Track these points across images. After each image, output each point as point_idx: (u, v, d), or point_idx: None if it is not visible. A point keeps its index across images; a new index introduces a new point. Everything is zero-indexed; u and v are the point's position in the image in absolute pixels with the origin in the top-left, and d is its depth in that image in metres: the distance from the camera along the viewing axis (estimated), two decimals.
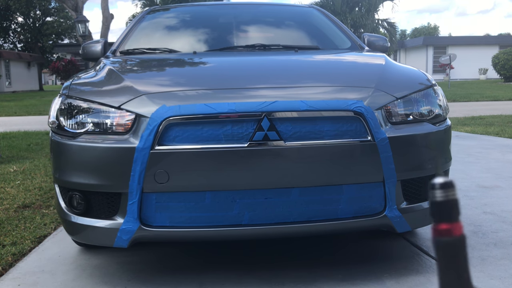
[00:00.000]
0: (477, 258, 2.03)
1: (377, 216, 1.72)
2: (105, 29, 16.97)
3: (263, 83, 1.88)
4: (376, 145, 1.67)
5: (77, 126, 1.77)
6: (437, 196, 0.23)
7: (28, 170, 4.19)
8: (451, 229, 0.24)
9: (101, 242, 1.79)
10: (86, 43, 2.92)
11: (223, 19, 3.09)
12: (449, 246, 0.23)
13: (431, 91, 1.95)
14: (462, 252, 0.23)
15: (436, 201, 0.23)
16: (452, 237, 0.23)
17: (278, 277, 1.88)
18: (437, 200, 0.23)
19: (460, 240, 0.23)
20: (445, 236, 0.24)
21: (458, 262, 0.23)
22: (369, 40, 2.89)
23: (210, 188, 1.64)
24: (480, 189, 3.23)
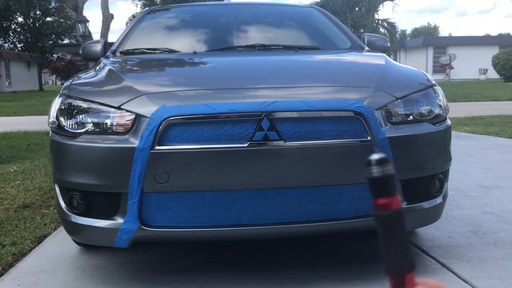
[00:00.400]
0: (477, 258, 2.03)
1: None
2: (105, 29, 16.97)
3: (263, 83, 1.88)
4: (376, 145, 1.67)
5: (77, 126, 1.77)
6: (373, 172, 0.25)
7: (28, 170, 4.19)
8: (389, 203, 0.25)
9: (101, 242, 1.79)
10: (86, 43, 2.92)
11: (223, 19, 3.09)
12: (388, 219, 0.25)
13: (431, 91, 1.95)
14: (400, 224, 0.25)
15: (373, 177, 0.25)
16: (390, 210, 0.25)
17: (278, 277, 1.88)
18: (374, 176, 0.25)
19: (398, 213, 0.25)
20: (384, 210, 0.25)
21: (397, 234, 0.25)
22: (369, 40, 2.90)
23: (210, 188, 1.64)
24: (480, 189, 3.23)
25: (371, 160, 0.25)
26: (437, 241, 2.26)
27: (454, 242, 2.24)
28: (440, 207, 1.94)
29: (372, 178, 0.25)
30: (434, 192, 1.90)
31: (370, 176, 0.25)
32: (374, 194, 0.26)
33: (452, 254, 2.09)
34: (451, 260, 2.02)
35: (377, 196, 0.26)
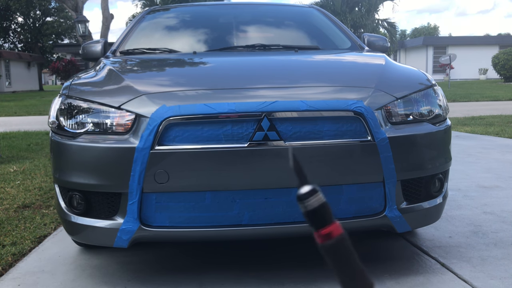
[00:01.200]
0: (477, 258, 2.03)
1: (377, 216, 1.72)
2: (105, 29, 16.97)
3: (263, 83, 1.88)
4: (376, 145, 1.67)
5: (77, 126, 1.77)
6: (308, 205, 0.23)
7: (28, 170, 4.19)
8: (331, 231, 0.23)
9: (101, 242, 1.79)
10: (86, 43, 2.92)
11: (223, 19, 3.09)
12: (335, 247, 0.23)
13: (431, 91, 1.95)
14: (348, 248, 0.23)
15: (309, 210, 0.22)
16: (334, 238, 0.23)
17: (278, 277, 1.88)
18: (310, 210, 0.22)
19: (343, 238, 0.23)
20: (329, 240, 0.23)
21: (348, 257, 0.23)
22: (369, 40, 2.89)
23: (210, 188, 1.64)
24: (480, 189, 3.23)
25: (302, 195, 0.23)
26: (437, 241, 2.26)
27: (454, 242, 2.24)
28: (440, 207, 1.94)
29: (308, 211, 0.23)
30: (434, 192, 1.90)
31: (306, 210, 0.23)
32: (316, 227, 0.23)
33: (452, 254, 2.09)
34: (451, 260, 2.02)
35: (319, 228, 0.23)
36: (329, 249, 0.23)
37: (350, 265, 0.23)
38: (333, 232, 0.23)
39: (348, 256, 0.23)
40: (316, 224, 0.24)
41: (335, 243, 0.23)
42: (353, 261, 0.23)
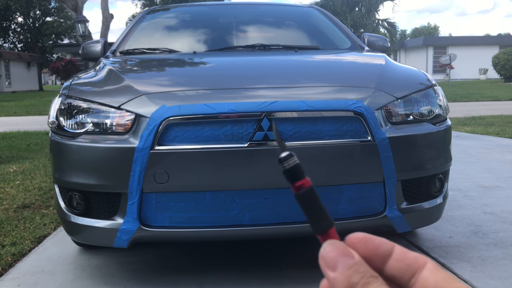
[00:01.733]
0: (477, 258, 2.03)
1: (377, 216, 1.72)
2: (105, 29, 16.97)
3: (263, 83, 1.87)
4: (376, 145, 1.66)
5: (77, 126, 1.77)
6: (286, 166, 0.34)
7: (27, 170, 4.18)
8: (303, 183, 0.34)
9: (100, 242, 1.79)
10: (86, 43, 2.92)
11: (223, 19, 3.08)
12: (306, 194, 0.34)
13: (431, 91, 1.95)
14: (315, 196, 0.34)
15: (287, 169, 0.34)
16: (305, 188, 0.34)
17: (278, 277, 1.88)
18: (287, 169, 0.34)
19: (311, 188, 0.34)
20: (301, 189, 0.34)
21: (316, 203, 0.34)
22: (369, 40, 2.89)
23: (210, 188, 1.63)
24: (480, 189, 3.23)
25: (282, 158, 0.34)
26: (437, 241, 2.25)
27: (454, 242, 2.24)
28: (440, 207, 1.94)
29: (286, 170, 0.34)
30: (434, 192, 1.90)
31: (284, 169, 0.34)
32: (291, 181, 0.34)
33: (452, 254, 2.08)
34: (451, 260, 2.01)
35: (293, 182, 0.34)
36: (301, 197, 0.34)
37: (316, 208, 0.34)
38: (304, 184, 0.34)
39: (315, 201, 0.34)
40: (292, 179, 0.34)
41: (305, 192, 0.34)
42: (319, 205, 0.34)
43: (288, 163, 0.34)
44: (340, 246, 0.32)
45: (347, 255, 0.31)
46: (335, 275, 0.30)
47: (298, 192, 0.34)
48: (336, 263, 0.31)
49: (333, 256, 0.31)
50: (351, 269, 0.30)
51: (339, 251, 0.31)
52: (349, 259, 0.31)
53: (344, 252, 0.31)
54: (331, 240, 0.33)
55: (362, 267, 0.30)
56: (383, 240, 0.33)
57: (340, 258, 0.31)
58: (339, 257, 0.31)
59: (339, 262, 0.31)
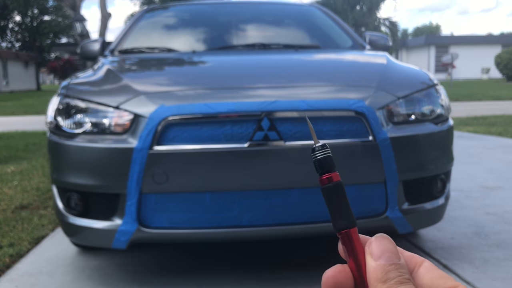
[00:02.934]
0: (479, 259, 2.01)
1: (379, 217, 1.70)
2: (103, 28, 16.93)
3: (263, 82, 1.85)
4: (378, 145, 1.64)
5: (75, 126, 1.75)
6: (317, 156, 0.33)
7: (25, 171, 4.16)
8: (331, 176, 0.33)
9: (99, 243, 1.77)
10: (84, 42, 2.90)
11: (223, 18, 3.06)
12: (333, 188, 0.33)
13: (433, 91, 1.93)
14: (342, 192, 0.33)
15: (318, 159, 0.33)
16: (333, 182, 0.33)
17: (278, 278, 1.86)
18: (318, 159, 0.33)
19: (340, 183, 0.33)
20: (329, 183, 0.33)
21: (342, 199, 0.33)
22: (371, 39, 2.87)
23: (209, 189, 1.62)
24: (482, 189, 3.21)
25: (315, 148, 0.34)
26: (439, 242, 2.24)
27: (456, 243, 2.22)
28: (442, 208, 1.92)
29: (317, 160, 0.34)
30: (436, 193, 1.88)
31: (316, 158, 0.34)
32: (320, 173, 0.34)
33: (454, 255, 2.06)
34: (453, 261, 2.00)
35: (322, 174, 0.34)
36: (327, 190, 0.33)
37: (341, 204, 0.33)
38: (332, 178, 0.33)
39: (341, 197, 0.33)
40: (321, 170, 0.34)
41: (332, 186, 0.33)
42: (345, 202, 0.33)
43: (321, 153, 0.34)
44: (392, 245, 0.33)
45: (394, 253, 0.32)
46: (376, 265, 0.32)
47: (325, 185, 0.33)
48: (382, 255, 0.32)
49: (381, 248, 0.32)
50: (393, 265, 0.31)
51: (388, 246, 0.32)
52: (395, 257, 0.32)
53: (392, 250, 0.32)
54: (385, 235, 0.33)
55: (402, 269, 0.31)
56: None
57: (387, 253, 0.32)
58: (386, 252, 0.32)
59: (385, 255, 0.32)
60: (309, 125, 0.36)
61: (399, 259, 0.32)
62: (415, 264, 0.32)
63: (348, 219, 0.33)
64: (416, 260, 0.33)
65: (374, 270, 0.31)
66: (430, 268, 0.32)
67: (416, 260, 0.33)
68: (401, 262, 0.31)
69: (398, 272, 0.31)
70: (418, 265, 0.32)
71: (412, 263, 0.33)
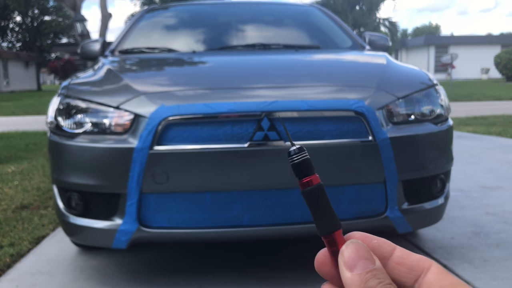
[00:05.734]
0: (479, 259, 2.01)
1: (378, 217, 1.71)
2: (104, 28, 16.94)
3: (263, 82, 1.86)
4: (378, 145, 1.65)
5: (76, 126, 1.76)
6: (295, 159, 0.32)
7: (26, 171, 4.16)
8: (311, 179, 0.32)
9: (99, 243, 1.77)
10: (84, 42, 2.90)
11: (223, 18, 3.07)
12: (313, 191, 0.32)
13: (432, 91, 1.93)
14: (324, 194, 0.32)
15: (296, 163, 0.32)
16: (313, 185, 0.32)
17: (278, 278, 1.86)
18: (296, 162, 0.32)
19: (320, 186, 0.32)
20: (309, 186, 0.32)
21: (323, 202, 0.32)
22: (370, 39, 2.88)
23: (209, 189, 1.62)
24: (482, 189, 3.21)
25: (291, 151, 0.33)
26: (439, 242, 2.24)
27: (456, 243, 2.22)
28: (442, 208, 1.92)
29: (294, 164, 0.32)
30: (436, 193, 1.88)
31: (293, 163, 0.33)
32: (299, 176, 0.33)
33: (454, 255, 2.07)
34: (453, 261, 2.00)
35: (302, 177, 0.32)
36: (308, 194, 0.32)
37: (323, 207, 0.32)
38: (312, 181, 0.32)
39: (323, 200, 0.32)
40: (299, 174, 0.32)
41: (312, 189, 0.32)
42: (327, 205, 0.32)
43: (298, 157, 0.32)
44: (363, 248, 0.31)
45: (369, 259, 0.30)
46: (352, 276, 0.29)
47: (305, 189, 0.32)
48: (356, 264, 0.30)
49: (354, 257, 0.30)
50: (370, 273, 0.29)
51: (361, 253, 0.30)
52: (370, 263, 0.30)
53: (366, 255, 0.30)
54: (355, 241, 0.31)
55: (381, 274, 0.29)
56: (382, 240, 0.32)
57: (361, 260, 0.30)
58: (360, 259, 0.30)
59: (359, 263, 0.30)
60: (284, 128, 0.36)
61: (375, 263, 0.30)
62: (422, 269, 0.30)
63: (332, 221, 0.32)
64: (423, 264, 0.30)
65: (351, 282, 0.29)
66: (439, 273, 0.30)
67: (423, 264, 0.30)
68: (377, 267, 0.30)
69: (377, 280, 0.29)
70: (426, 270, 0.30)
71: (419, 268, 0.30)
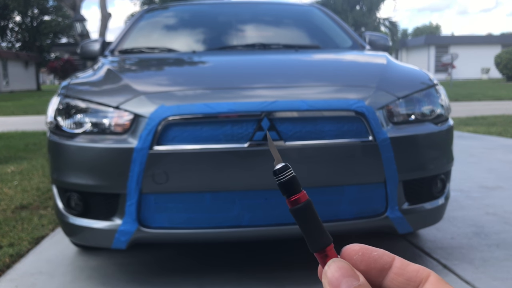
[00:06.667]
0: (479, 259, 2.01)
1: (379, 217, 1.70)
2: (103, 28, 16.93)
3: (263, 82, 1.85)
4: (378, 145, 1.64)
5: (75, 126, 1.75)
6: (281, 179, 0.32)
7: (25, 171, 4.16)
8: (299, 197, 0.32)
9: (99, 243, 1.77)
10: (84, 42, 2.90)
11: (223, 18, 3.06)
12: (302, 209, 0.32)
13: (433, 91, 1.93)
14: (312, 211, 0.32)
15: (282, 182, 0.32)
16: (302, 203, 0.32)
17: (278, 278, 1.86)
18: (283, 182, 0.32)
19: (309, 203, 0.32)
20: (297, 204, 0.32)
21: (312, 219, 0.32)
22: (371, 39, 2.87)
23: (209, 189, 1.62)
24: (482, 189, 3.21)
25: (276, 170, 0.32)
26: (439, 242, 2.24)
27: (456, 243, 2.22)
28: (442, 208, 1.92)
29: (281, 183, 0.32)
30: (436, 193, 1.88)
31: (279, 182, 0.32)
32: (287, 195, 0.33)
33: (454, 255, 2.06)
34: (453, 261, 2.00)
35: (289, 196, 0.32)
36: (296, 212, 0.32)
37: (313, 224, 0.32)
38: (300, 199, 0.32)
39: (312, 217, 0.32)
40: (287, 193, 0.32)
41: (301, 207, 0.32)
42: (316, 221, 0.32)
43: (284, 175, 0.32)
44: (345, 266, 0.31)
45: (352, 276, 0.30)
46: None
47: (294, 207, 0.32)
48: (340, 283, 0.30)
49: (337, 276, 0.30)
50: None
51: (344, 271, 0.30)
52: (354, 280, 0.30)
53: (349, 273, 0.30)
54: (336, 259, 0.31)
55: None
56: (381, 252, 0.32)
57: (344, 279, 0.30)
58: (344, 277, 0.30)
59: (342, 282, 0.30)
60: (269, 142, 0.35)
61: (359, 279, 0.30)
62: (420, 280, 0.31)
63: (323, 237, 0.32)
64: (421, 275, 0.31)
65: None
66: (436, 284, 0.30)
67: (421, 275, 0.31)
68: (361, 283, 0.30)
69: None
70: (424, 280, 0.31)
71: (417, 278, 0.31)
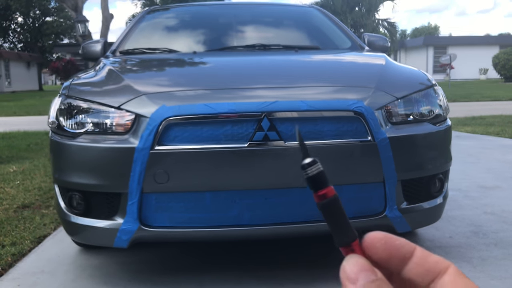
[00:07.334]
0: (477, 259, 2.02)
1: (377, 216, 1.72)
2: (105, 29, 16.96)
3: (263, 83, 1.87)
4: (377, 145, 1.66)
5: (77, 126, 1.77)
6: (309, 173, 0.32)
7: (27, 170, 4.18)
8: (326, 192, 0.32)
9: (100, 242, 1.79)
10: (86, 43, 2.92)
11: (223, 19, 3.08)
12: (329, 204, 0.32)
13: (431, 91, 1.95)
14: (339, 206, 0.33)
15: (310, 176, 0.32)
16: (329, 197, 0.32)
17: (278, 277, 1.88)
18: (310, 176, 0.32)
19: (336, 198, 0.32)
20: (325, 199, 0.32)
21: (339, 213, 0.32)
22: (370, 40, 2.89)
23: (210, 189, 1.63)
24: (480, 189, 3.23)
25: (305, 164, 0.33)
26: (438, 241, 2.25)
27: (454, 242, 2.24)
28: (441, 208, 1.93)
29: (309, 177, 0.33)
30: (435, 192, 1.90)
31: (307, 176, 0.33)
32: (314, 189, 0.33)
33: (452, 254, 2.08)
34: (451, 260, 2.00)
35: (317, 190, 0.33)
36: (324, 206, 0.32)
37: (339, 219, 0.32)
38: (327, 193, 0.32)
39: (339, 212, 0.32)
40: (314, 187, 0.33)
41: (328, 202, 0.32)
42: (342, 216, 0.32)
43: (312, 170, 0.32)
44: (363, 261, 0.31)
45: (370, 270, 0.31)
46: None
47: (322, 201, 0.32)
48: (358, 277, 0.30)
49: (355, 270, 0.31)
50: (373, 284, 0.30)
51: (361, 266, 0.31)
52: (372, 274, 0.30)
53: (367, 267, 0.31)
54: (354, 255, 0.32)
55: (384, 284, 0.30)
56: (404, 241, 0.33)
57: (362, 273, 0.30)
58: (361, 272, 0.31)
59: (361, 275, 0.30)
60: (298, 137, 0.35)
61: (376, 274, 0.31)
62: (439, 271, 0.30)
63: (350, 232, 0.32)
64: (441, 266, 0.31)
65: None
66: (455, 276, 0.30)
67: (441, 266, 0.31)
68: (379, 277, 0.30)
69: None
70: (443, 271, 0.30)
71: (436, 269, 0.31)
